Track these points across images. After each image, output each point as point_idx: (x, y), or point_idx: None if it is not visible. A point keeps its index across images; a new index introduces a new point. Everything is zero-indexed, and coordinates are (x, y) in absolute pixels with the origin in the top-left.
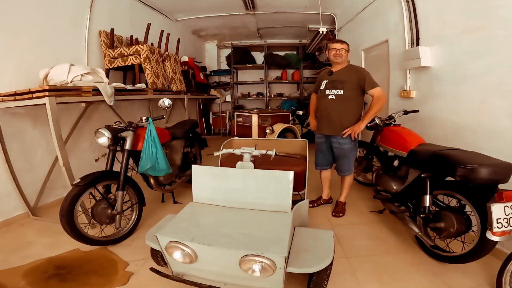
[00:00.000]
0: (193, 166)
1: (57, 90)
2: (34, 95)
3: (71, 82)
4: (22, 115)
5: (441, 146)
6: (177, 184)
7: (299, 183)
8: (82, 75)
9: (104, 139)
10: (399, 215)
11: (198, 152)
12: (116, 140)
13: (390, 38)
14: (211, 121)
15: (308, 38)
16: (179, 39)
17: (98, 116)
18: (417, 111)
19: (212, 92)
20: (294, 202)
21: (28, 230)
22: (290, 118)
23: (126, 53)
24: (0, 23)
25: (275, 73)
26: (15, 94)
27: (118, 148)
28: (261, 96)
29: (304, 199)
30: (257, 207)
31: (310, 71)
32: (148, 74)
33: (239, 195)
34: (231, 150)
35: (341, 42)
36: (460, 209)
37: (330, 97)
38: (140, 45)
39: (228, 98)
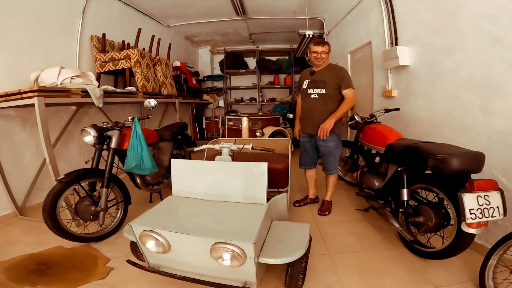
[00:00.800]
0: (172, 160)
1: (46, 91)
2: (24, 95)
3: (60, 84)
4: (12, 117)
5: (416, 140)
6: (164, 184)
7: (281, 180)
8: (72, 78)
9: (89, 137)
10: (380, 211)
11: (187, 154)
12: (102, 138)
13: (373, 40)
14: (204, 126)
15: (298, 43)
16: (170, 44)
17: (88, 120)
18: (398, 109)
19: (205, 97)
20: None
21: (14, 229)
22: (281, 121)
23: (117, 57)
24: None
25: (267, 78)
26: (6, 95)
27: (105, 147)
28: (254, 101)
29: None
30: (233, 199)
31: None
32: (138, 77)
33: (217, 188)
34: (210, 146)
35: (322, 44)
36: (438, 203)
37: (312, 96)
38: (130, 50)
39: (221, 103)
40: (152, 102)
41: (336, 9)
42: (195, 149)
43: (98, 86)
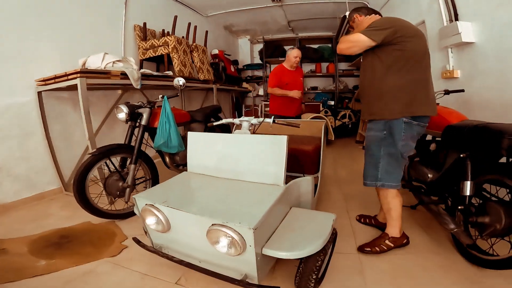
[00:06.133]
0: (188, 132)
1: (87, 72)
2: (69, 77)
3: (104, 67)
4: (65, 99)
5: (484, 121)
6: None
7: (309, 165)
8: (114, 62)
9: (122, 114)
10: (432, 208)
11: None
12: (134, 116)
13: (426, 19)
14: (243, 114)
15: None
16: (207, 32)
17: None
18: (462, 90)
19: (245, 85)
20: None
21: (55, 203)
22: (321, 108)
23: (156, 44)
24: (46, 21)
25: (309, 67)
26: (55, 77)
27: (138, 125)
28: None
29: (317, 186)
30: (248, 178)
31: (345, 63)
32: (175, 63)
33: (231, 165)
34: (230, 120)
35: None
36: (511, 200)
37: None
38: (168, 37)
39: (261, 92)
40: (181, 80)
41: None
42: (214, 123)
43: (137, 70)
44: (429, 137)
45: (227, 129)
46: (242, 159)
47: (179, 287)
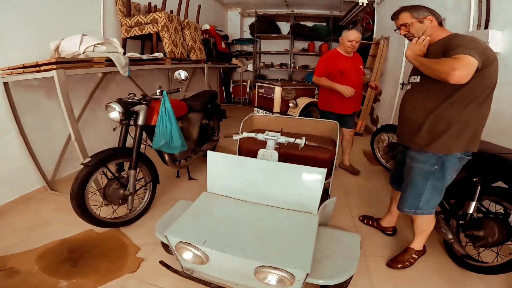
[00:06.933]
0: (208, 152)
1: (65, 62)
2: (42, 68)
3: (83, 53)
4: (36, 87)
5: (499, 147)
6: (192, 160)
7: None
8: (95, 46)
9: (115, 113)
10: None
11: (217, 125)
12: (128, 114)
13: (448, 17)
14: (231, 90)
15: (342, 10)
16: (199, 6)
17: (115, 86)
18: None
19: (234, 61)
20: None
21: (46, 205)
22: (316, 92)
23: (143, 21)
24: None
25: (301, 44)
26: (23, 67)
27: (132, 123)
28: (284, 67)
29: (328, 190)
30: (277, 204)
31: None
32: (166, 43)
33: (259, 189)
34: (253, 134)
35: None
36: (504, 218)
37: (408, 86)
38: (157, 13)
39: (250, 68)
40: (183, 73)
41: None
42: (234, 137)
43: (124, 54)
44: None
45: (222, 113)
46: (271, 185)
47: None
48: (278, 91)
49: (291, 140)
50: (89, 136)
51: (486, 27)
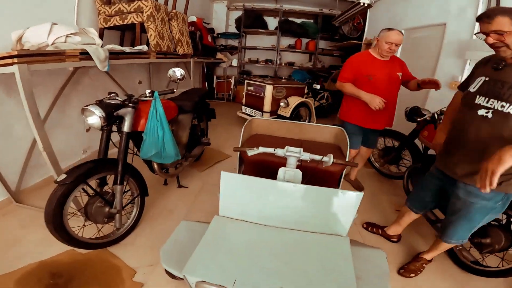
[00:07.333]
0: (222, 172)
1: (30, 56)
2: (0, 62)
3: (52, 44)
4: None
5: None
6: (183, 167)
7: (331, 185)
8: (67, 36)
9: (95, 118)
10: (436, 227)
11: (206, 126)
12: (111, 119)
13: (449, 22)
14: (214, 85)
15: (333, 8)
16: None
17: (89, 81)
18: None
19: (219, 55)
20: None
21: (13, 221)
22: (305, 91)
23: (125, 10)
24: None
25: (288, 41)
26: None
27: (114, 129)
28: (270, 63)
29: None
30: (301, 226)
31: (328, 42)
32: (151, 34)
33: (282, 212)
34: (271, 150)
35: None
36: (507, 225)
37: (481, 113)
38: (143, 1)
39: (235, 63)
40: (178, 71)
41: None
42: (249, 153)
43: (102, 46)
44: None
45: (212, 113)
46: (297, 208)
47: None
48: (269, 89)
49: (317, 158)
50: (58, 139)
51: None
